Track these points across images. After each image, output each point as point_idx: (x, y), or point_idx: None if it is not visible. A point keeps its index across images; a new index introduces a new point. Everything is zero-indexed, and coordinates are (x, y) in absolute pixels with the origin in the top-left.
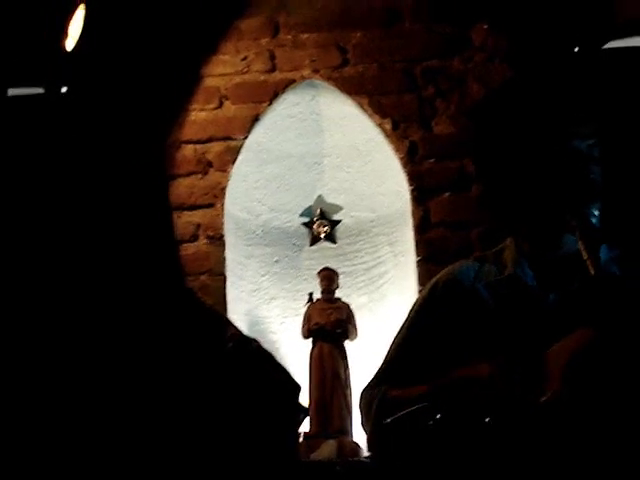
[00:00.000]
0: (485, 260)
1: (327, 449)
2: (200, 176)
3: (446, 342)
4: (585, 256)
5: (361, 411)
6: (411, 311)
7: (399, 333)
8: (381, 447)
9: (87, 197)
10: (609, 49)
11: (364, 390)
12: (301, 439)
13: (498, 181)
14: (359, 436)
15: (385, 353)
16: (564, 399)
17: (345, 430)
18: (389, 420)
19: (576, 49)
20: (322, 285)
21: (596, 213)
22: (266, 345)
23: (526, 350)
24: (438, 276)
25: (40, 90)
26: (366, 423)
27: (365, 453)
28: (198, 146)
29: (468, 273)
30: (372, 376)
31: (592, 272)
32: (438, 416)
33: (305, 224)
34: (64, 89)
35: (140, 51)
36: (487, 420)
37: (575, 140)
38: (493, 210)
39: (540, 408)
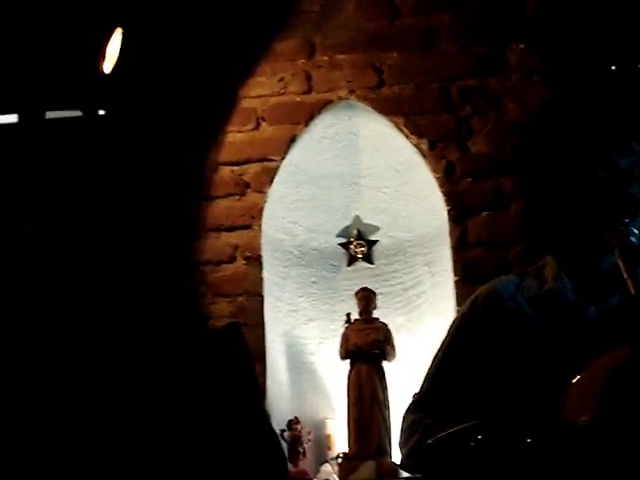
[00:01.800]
0: (526, 275)
1: (366, 470)
2: (237, 197)
3: (487, 360)
4: (625, 275)
5: (401, 435)
6: (451, 328)
7: (439, 351)
8: (422, 467)
9: (122, 218)
10: None
11: (407, 412)
12: (340, 460)
13: (540, 199)
14: (398, 457)
15: (426, 372)
16: (602, 419)
17: (384, 451)
18: (431, 441)
19: (613, 67)
20: (360, 306)
21: (636, 231)
22: (304, 366)
23: (567, 365)
24: (478, 291)
25: (78, 113)
26: (403, 449)
27: (404, 474)
28: (235, 167)
29: (509, 288)
30: (413, 398)
31: (632, 291)
32: (479, 437)
33: (342, 245)
34: (101, 112)
35: (177, 73)
36: (528, 441)
37: (615, 157)
38: (533, 228)
39: (579, 428)
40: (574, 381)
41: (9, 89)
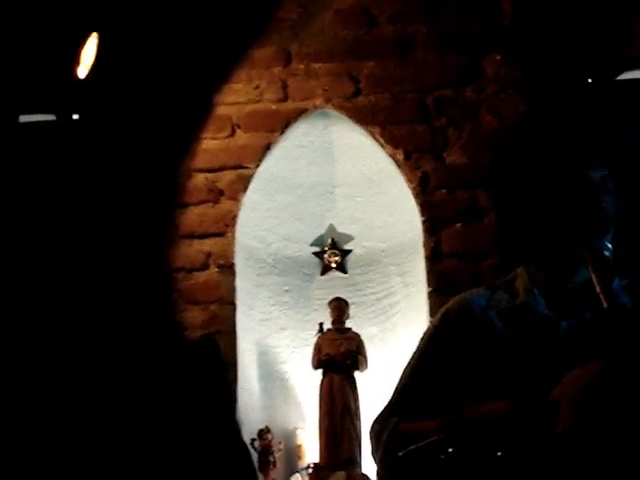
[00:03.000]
0: (497, 288)
1: None
2: (211, 205)
3: (458, 372)
4: (598, 289)
5: (371, 442)
6: (422, 340)
7: (410, 363)
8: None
9: (94, 224)
10: (622, 80)
11: (374, 422)
12: (310, 470)
13: (513, 211)
14: (368, 468)
15: (396, 383)
16: (575, 433)
17: (354, 461)
18: (401, 453)
19: (589, 80)
20: (333, 315)
21: (609, 245)
22: (276, 375)
23: (538, 379)
24: (449, 304)
25: (52, 117)
26: (375, 455)
27: None
28: (209, 175)
29: (479, 301)
30: (383, 407)
31: (605, 305)
32: (450, 450)
33: (316, 254)
34: (75, 116)
35: (152, 79)
36: (499, 454)
37: (588, 170)
38: (507, 241)
39: (551, 442)
40: (546, 393)
41: None
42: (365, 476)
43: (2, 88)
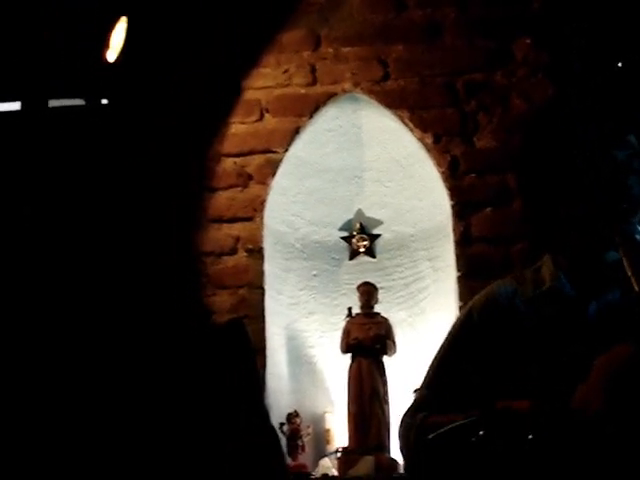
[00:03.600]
0: (523, 278)
1: (365, 465)
2: (240, 189)
3: (485, 366)
4: (629, 272)
5: (400, 437)
6: (449, 334)
7: (437, 356)
8: (423, 462)
9: (124, 209)
10: None
11: (404, 416)
12: (339, 454)
13: (540, 194)
14: (397, 452)
15: (424, 376)
16: (606, 416)
17: (383, 446)
18: (431, 436)
19: (619, 64)
20: (361, 300)
21: (638, 227)
22: (305, 359)
23: (568, 364)
24: (476, 298)
25: (81, 101)
26: (404, 449)
27: (402, 470)
28: (238, 159)
29: (506, 292)
30: (412, 401)
31: (636, 288)
32: (481, 433)
33: (344, 238)
34: (105, 101)
35: (182, 64)
36: (530, 437)
37: (613, 150)
38: (535, 225)
39: (582, 425)
40: (576, 379)
41: (12, 76)
42: (394, 460)
43: (31, 72)
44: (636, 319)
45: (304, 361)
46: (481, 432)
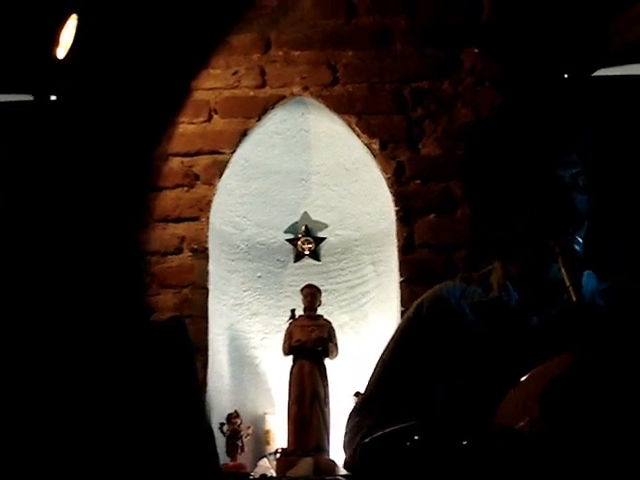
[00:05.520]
0: (471, 281)
1: (304, 466)
2: (186, 189)
3: (432, 363)
4: (567, 282)
5: (345, 436)
6: (397, 331)
7: (385, 353)
8: (358, 466)
9: (69, 206)
10: (600, 77)
11: (350, 414)
12: (278, 455)
13: (485, 205)
14: (336, 454)
15: (371, 374)
16: (541, 426)
17: (322, 448)
18: (367, 440)
19: (566, 76)
20: (305, 302)
21: (580, 240)
22: (247, 360)
23: (508, 373)
24: (424, 296)
25: (29, 97)
26: (347, 449)
27: (342, 471)
28: (185, 159)
29: (454, 293)
30: (358, 399)
31: (574, 298)
32: (416, 437)
33: (290, 240)
34: (53, 97)
35: (131, 62)
36: (465, 443)
37: (559, 169)
38: (479, 233)
39: (517, 435)
40: (513, 388)
41: None
42: (332, 462)
43: None
44: (574, 330)
45: (246, 362)
46: (416, 437)
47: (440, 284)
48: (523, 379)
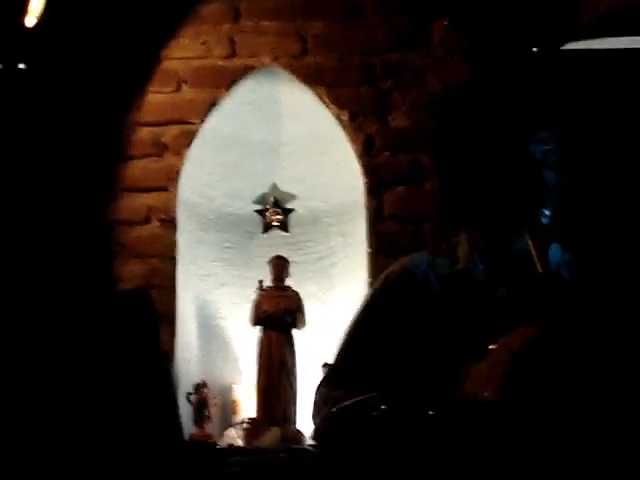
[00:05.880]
0: (438, 253)
1: (271, 436)
2: (155, 159)
3: (398, 335)
4: (534, 254)
5: (314, 407)
6: (364, 303)
7: (352, 325)
8: (326, 435)
9: (37, 174)
10: (569, 50)
11: (319, 386)
12: (245, 425)
13: (454, 175)
14: (303, 424)
15: (339, 345)
16: (505, 396)
17: (289, 418)
18: (334, 409)
19: (534, 49)
20: (273, 273)
21: (547, 213)
22: (215, 330)
23: (472, 344)
24: (391, 268)
25: None
26: (315, 419)
27: (308, 441)
28: (154, 129)
29: (421, 265)
30: (327, 370)
31: (540, 270)
32: (383, 407)
33: (258, 211)
34: (22, 66)
35: (100, 31)
36: (430, 413)
37: (530, 145)
38: (448, 203)
39: (481, 405)
40: (480, 359)
41: None
42: (299, 432)
43: None
44: (538, 301)
45: (214, 332)
46: (382, 407)
47: (407, 257)
48: (489, 349)
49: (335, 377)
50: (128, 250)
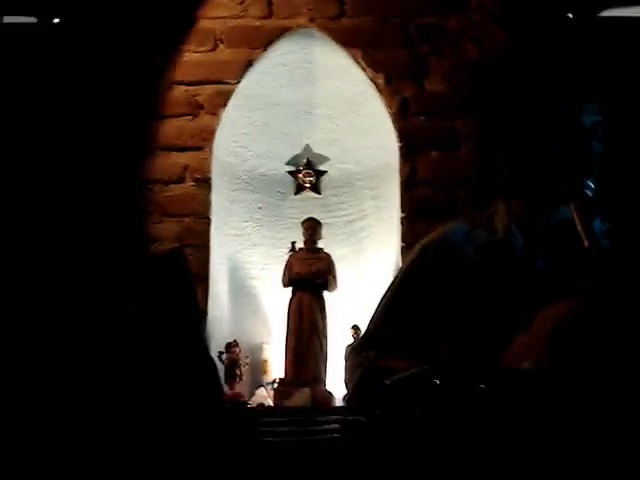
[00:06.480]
0: (476, 223)
1: (301, 397)
2: (190, 118)
3: (435, 304)
4: (579, 228)
5: (346, 371)
6: (401, 270)
7: (388, 293)
8: (374, 405)
9: (72, 129)
10: (606, 17)
11: (352, 350)
12: (275, 385)
13: (499, 145)
14: (332, 386)
15: (373, 313)
16: (546, 367)
17: (319, 379)
18: (388, 382)
19: (570, 15)
20: (305, 235)
21: (592, 186)
22: (246, 290)
23: (511, 316)
24: (429, 237)
25: (33, 19)
26: (349, 384)
27: (337, 402)
28: (190, 88)
29: (458, 236)
30: (361, 336)
31: (586, 244)
32: (436, 381)
33: (291, 173)
34: (56, 20)
35: None
36: (482, 387)
37: (580, 115)
38: (488, 173)
39: (523, 375)
40: (521, 328)
41: None
42: (329, 393)
43: None
44: (583, 276)
45: (245, 292)
46: (436, 380)
47: (444, 226)
48: (531, 321)
49: (369, 343)
50: (162, 209)
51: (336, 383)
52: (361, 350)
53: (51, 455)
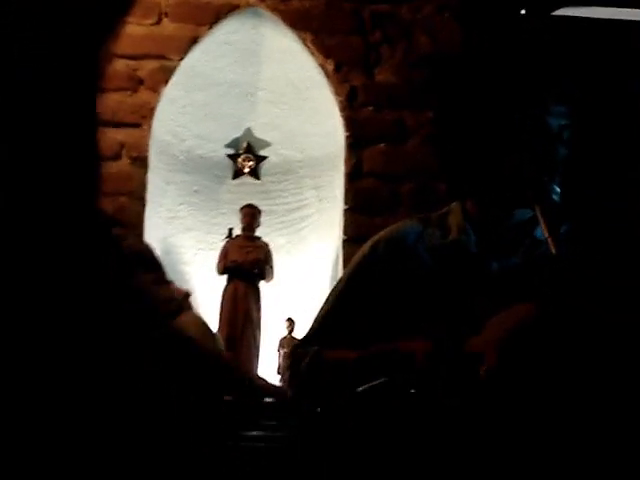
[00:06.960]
0: (429, 222)
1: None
2: (129, 93)
3: (383, 304)
4: (546, 234)
5: (289, 369)
6: (350, 267)
7: (335, 290)
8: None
9: (6, 98)
10: (558, 16)
11: (295, 348)
12: None
13: (458, 143)
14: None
15: (318, 310)
16: (498, 374)
17: (251, 370)
18: (361, 389)
19: (522, 11)
20: (243, 222)
21: (558, 190)
22: (178, 275)
23: (463, 319)
24: (381, 234)
25: None
26: (293, 380)
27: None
28: (131, 62)
29: (411, 234)
30: (304, 334)
31: (553, 250)
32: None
33: (230, 156)
34: None
35: None
36: (412, 392)
37: (548, 117)
38: (448, 168)
39: (474, 385)
40: (471, 333)
41: None
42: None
43: None
44: (538, 280)
45: (177, 277)
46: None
47: (397, 223)
48: (483, 325)
49: (313, 340)
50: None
51: (269, 375)
52: (305, 346)
53: (51, 455)
